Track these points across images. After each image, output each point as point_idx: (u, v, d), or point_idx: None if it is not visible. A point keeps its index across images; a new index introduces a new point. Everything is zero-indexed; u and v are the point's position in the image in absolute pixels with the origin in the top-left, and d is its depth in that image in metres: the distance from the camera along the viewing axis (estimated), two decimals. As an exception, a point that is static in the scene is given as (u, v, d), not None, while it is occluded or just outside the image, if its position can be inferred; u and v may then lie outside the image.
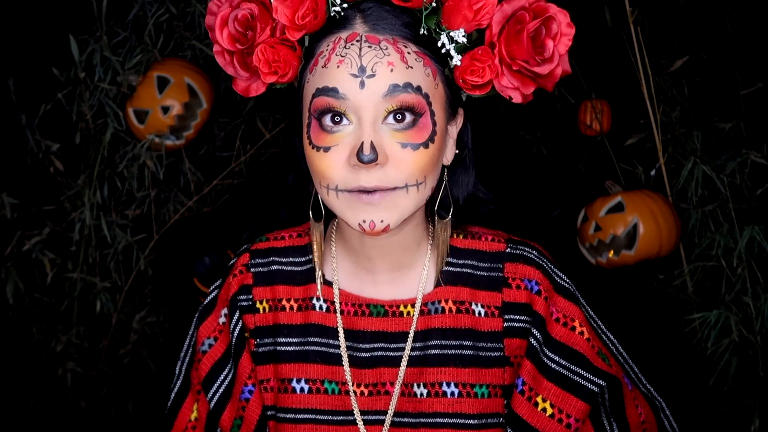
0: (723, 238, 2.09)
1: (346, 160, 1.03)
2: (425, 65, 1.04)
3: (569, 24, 1.06)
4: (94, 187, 2.14)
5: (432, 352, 1.15)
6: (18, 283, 2.17)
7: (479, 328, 1.15)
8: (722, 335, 2.05)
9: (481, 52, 1.05)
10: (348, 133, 1.03)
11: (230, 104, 2.27)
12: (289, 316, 1.19)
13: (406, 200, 1.05)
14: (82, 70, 2.05)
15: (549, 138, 2.48)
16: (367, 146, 1.00)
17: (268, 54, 1.04)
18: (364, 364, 1.15)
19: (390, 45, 1.03)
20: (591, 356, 1.15)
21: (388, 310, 1.16)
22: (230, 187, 2.28)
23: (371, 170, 1.02)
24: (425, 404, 1.14)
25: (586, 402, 1.13)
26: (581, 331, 1.15)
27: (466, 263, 1.17)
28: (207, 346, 1.21)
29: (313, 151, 1.05)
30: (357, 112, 1.02)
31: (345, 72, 1.02)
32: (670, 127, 2.17)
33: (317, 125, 1.04)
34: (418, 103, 1.03)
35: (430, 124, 1.05)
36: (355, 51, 1.02)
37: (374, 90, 1.02)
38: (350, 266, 1.18)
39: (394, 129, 1.03)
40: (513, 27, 1.04)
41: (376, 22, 1.04)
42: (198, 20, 2.13)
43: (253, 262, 1.20)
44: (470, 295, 1.16)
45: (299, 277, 1.20)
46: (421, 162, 1.04)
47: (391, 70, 1.02)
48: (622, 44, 2.13)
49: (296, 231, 1.23)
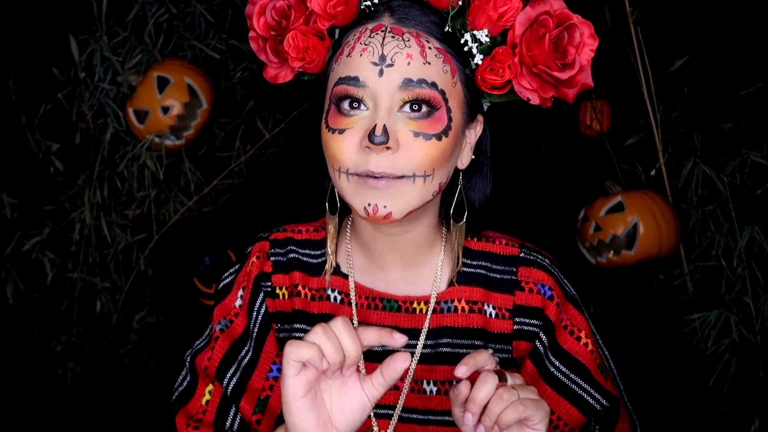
0: (723, 238, 2.09)
1: (359, 143, 1.04)
2: (445, 62, 1.06)
3: (592, 35, 1.07)
4: (94, 187, 2.14)
5: (443, 350, 1.16)
6: (18, 283, 2.17)
7: (490, 329, 1.16)
8: (722, 335, 2.05)
9: (502, 51, 1.07)
10: (364, 117, 1.05)
11: (230, 104, 2.27)
12: (304, 303, 1.19)
13: (411, 190, 1.05)
14: (82, 70, 2.05)
15: (549, 138, 2.49)
16: (380, 128, 1.02)
17: (299, 40, 1.09)
18: (375, 358, 1.16)
19: (413, 38, 1.05)
20: (593, 370, 1.17)
21: (402, 306, 1.17)
22: (230, 187, 2.28)
23: (381, 155, 1.03)
24: (434, 401, 1.15)
25: (583, 414, 1.15)
26: (586, 342, 1.17)
27: (480, 264, 1.18)
28: (223, 326, 1.20)
29: (329, 134, 1.07)
30: (374, 98, 1.04)
31: (366, 60, 1.05)
32: (670, 127, 2.17)
33: (335, 110, 1.07)
34: (434, 97, 1.05)
35: (446, 119, 1.06)
36: (378, 40, 1.05)
37: (391, 79, 1.04)
38: (363, 262, 1.19)
39: (408, 117, 1.05)
40: (536, 31, 1.06)
41: (403, 16, 1.07)
42: (198, 20, 2.13)
43: (273, 251, 1.21)
44: (483, 296, 1.17)
45: (315, 269, 1.21)
46: (431, 153, 1.05)
47: (408, 63, 1.04)
48: (622, 44, 2.13)
49: (312, 225, 1.24)
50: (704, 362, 2.10)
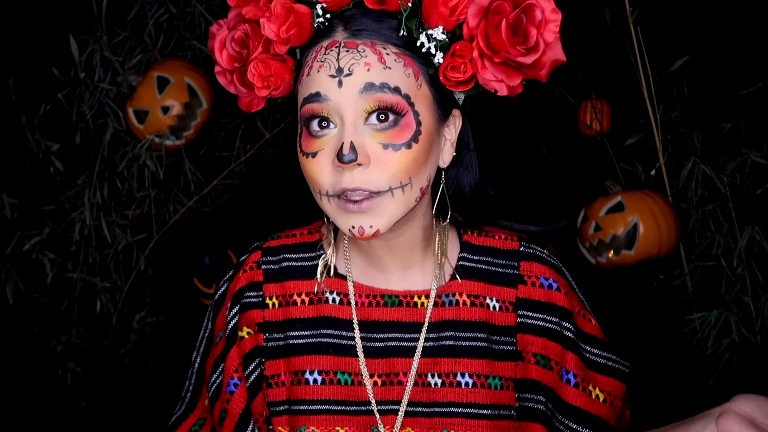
0: (723, 238, 2.09)
1: (332, 163, 1.04)
2: (406, 65, 1.05)
3: (554, 9, 1.04)
4: (94, 187, 2.14)
5: (446, 343, 1.16)
6: (18, 283, 2.17)
7: (493, 322, 1.17)
8: (722, 335, 2.05)
9: (460, 47, 1.04)
10: (332, 136, 1.05)
11: (230, 104, 2.26)
12: (301, 310, 1.19)
13: (393, 204, 1.05)
14: (82, 70, 2.05)
15: (549, 138, 2.49)
16: (347, 146, 1.02)
17: (261, 68, 1.08)
18: (377, 354, 1.16)
19: (368, 48, 1.04)
20: (605, 338, 1.22)
21: (402, 300, 1.17)
22: (230, 187, 2.28)
23: (353, 171, 1.02)
24: (439, 394, 1.15)
25: (623, 382, 1.21)
26: (593, 322, 1.22)
27: (481, 259, 1.19)
28: (219, 339, 1.23)
29: (304, 158, 1.07)
30: (339, 112, 1.04)
31: (324, 74, 1.04)
32: (670, 127, 2.17)
33: (306, 132, 1.07)
34: (398, 103, 1.04)
35: (414, 124, 1.05)
36: (334, 56, 1.04)
37: (351, 87, 1.03)
38: (362, 264, 1.19)
39: (375, 129, 1.04)
40: (492, 19, 1.03)
41: (357, 27, 1.06)
42: (198, 20, 2.13)
43: (264, 260, 1.21)
44: (485, 290, 1.17)
45: (309, 272, 1.21)
46: (403, 163, 1.04)
47: (368, 69, 1.03)
48: (622, 44, 2.14)
49: (307, 229, 1.25)
50: (704, 362, 2.10)
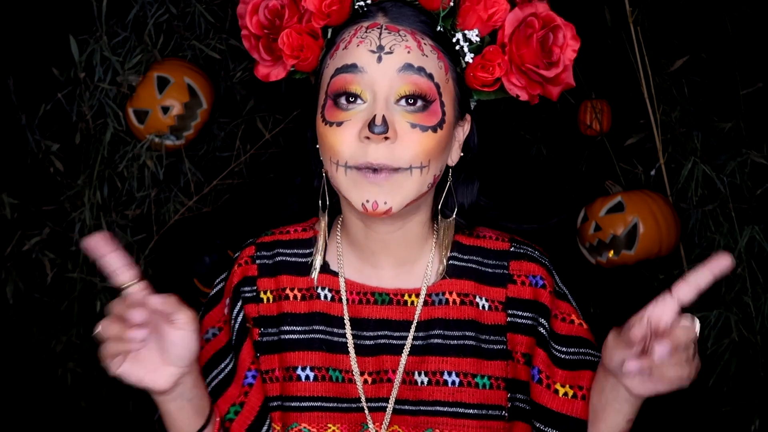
0: (723, 238, 2.09)
1: (357, 134, 1.06)
2: (439, 58, 1.10)
3: (574, 36, 1.14)
4: (94, 187, 2.14)
5: (434, 341, 1.16)
6: (18, 283, 2.17)
7: (483, 321, 1.17)
8: (722, 335, 2.05)
9: (492, 50, 1.11)
10: (362, 109, 1.07)
11: (230, 104, 2.27)
12: (293, 305, 1.20)
13: (409, 183, 1.07)
14: (82, 70, 2.05)
15: (549, 138, 2.49)
16: (379, 118, 1.04)
17: (293, 39, 1.11)
18: (367, 352, 1.17)
19: (408, 34, 1.09)
20: (592, 339, 1.19)
21: (393, 298, 1.18)
22: (230, 187, 2.28)
23: (380, 145, 1.05)
24: (425, 392, 1.15)
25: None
26: (579, 323, 1.19)
27: (472, 259, 1.20)
28: (210, 335, 1.22)
29: (326, 127, 1.09)
30: (372, 86, 1.07)
31: (364, 49, 1.07)
32: (670, 127, 2.17)
33: (332, 104, 1.09)
34: (429, 90, 1.08)
35: (440, 112, 1.09)
36: (375, 35, 1.08)
37: (390, 65, 1.06)
38: (355, 261, 1.20)
39: (405, 110, 1.07)
40: (523, 31, 1.12)
41: (397, 16, 1.10)
42: (198, 20, 2.13)
43: (258, 255, 1.22)
44: (475, 289, 1.18)
45: (303, 268, 1.21)
46: (428, 144, 1.07)
47: (408, 52, 1.07)
48: (622, 44, 2.14)
49: (301, 226, 1.25)
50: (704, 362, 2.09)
